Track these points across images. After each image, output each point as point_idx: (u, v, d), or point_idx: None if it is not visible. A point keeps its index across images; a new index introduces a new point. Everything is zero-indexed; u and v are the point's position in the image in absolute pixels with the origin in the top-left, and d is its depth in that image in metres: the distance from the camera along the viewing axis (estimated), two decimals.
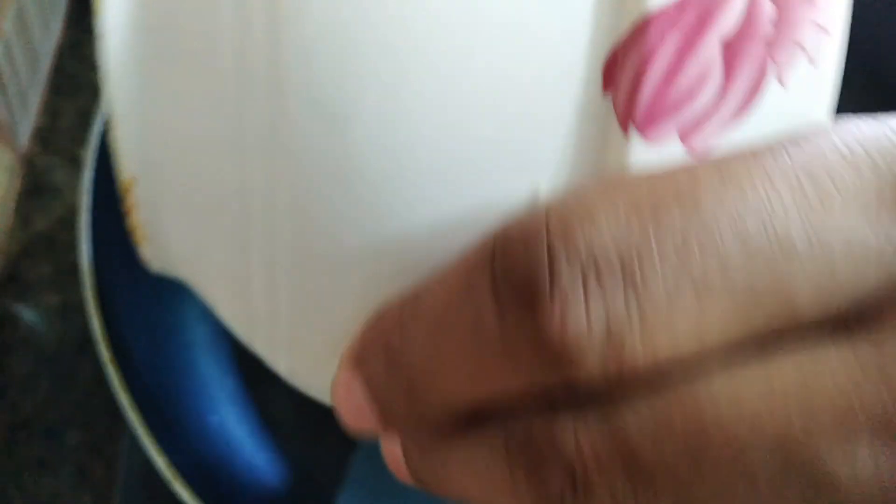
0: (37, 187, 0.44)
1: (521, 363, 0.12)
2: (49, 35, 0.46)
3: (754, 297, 0.11)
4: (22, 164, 0.44)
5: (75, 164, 0.45)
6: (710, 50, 0.12)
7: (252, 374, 0.38)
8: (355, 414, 0.14)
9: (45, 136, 0.45)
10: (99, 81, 0.14)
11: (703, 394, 0.11)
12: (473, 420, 0.13)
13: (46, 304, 0.42)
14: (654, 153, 0.13)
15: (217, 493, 0.32)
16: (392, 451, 0.14)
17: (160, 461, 0.30)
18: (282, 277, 0.14)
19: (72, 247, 0.42)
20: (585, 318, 0.11)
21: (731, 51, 0.12)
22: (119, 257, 0.35)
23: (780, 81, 0.13)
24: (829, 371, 0.11)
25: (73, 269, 0.33)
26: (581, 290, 0.11)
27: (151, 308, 0.37)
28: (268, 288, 0.14)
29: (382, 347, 0.14)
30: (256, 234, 0.14)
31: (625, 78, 0.13)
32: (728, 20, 0.12)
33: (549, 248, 0.11)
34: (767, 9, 0.12)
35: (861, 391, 0.11)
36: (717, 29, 0.12)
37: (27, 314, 0.41)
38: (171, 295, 0.38)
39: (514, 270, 0.12)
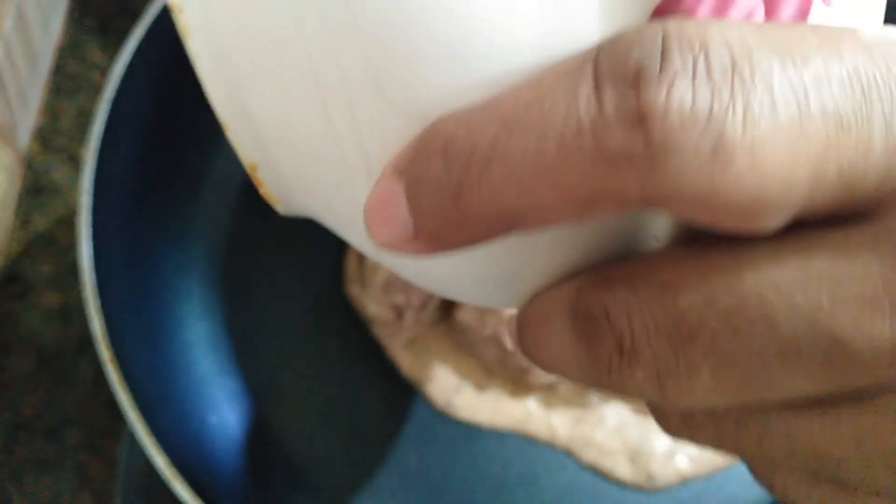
0: (37, 187, 0.44)
1: (608, 155, 0.12)
2: (49, 35, 0.46)
3: (839, 140, 0.12)
4: (22, 164, 0.44)
5: (75, 164, 0.45)
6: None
7: (252, 371, 0.38)
8: (386, 221, 0.14)
9: (45, 136, 0.45)
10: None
11: (749, 279, 0.12)
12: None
13: (46, 304, 0.42)
14: None
15: (217, 493, 0.32)
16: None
17: (160, 461, 0.30)
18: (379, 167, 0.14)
19: (72, 247, 0.42)
20: (691, 99, 0.11)
21: None
22: (119, 257, 0.35)
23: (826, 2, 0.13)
24: (860, 266, 0.12)
25: (73, 269, 0.33)
26: (690, 76, 0.11)
27: (151, 308, 0.37)
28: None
29: (438, 148, 0.13)
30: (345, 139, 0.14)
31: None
32: None
33: (665, 37, 0.12)
34: None
35: (888, 285, 0.12)
36: None
37: (27, 314, 0.41)
38: (171, 295, 0.39)
39: (623, 54, 0.12)
